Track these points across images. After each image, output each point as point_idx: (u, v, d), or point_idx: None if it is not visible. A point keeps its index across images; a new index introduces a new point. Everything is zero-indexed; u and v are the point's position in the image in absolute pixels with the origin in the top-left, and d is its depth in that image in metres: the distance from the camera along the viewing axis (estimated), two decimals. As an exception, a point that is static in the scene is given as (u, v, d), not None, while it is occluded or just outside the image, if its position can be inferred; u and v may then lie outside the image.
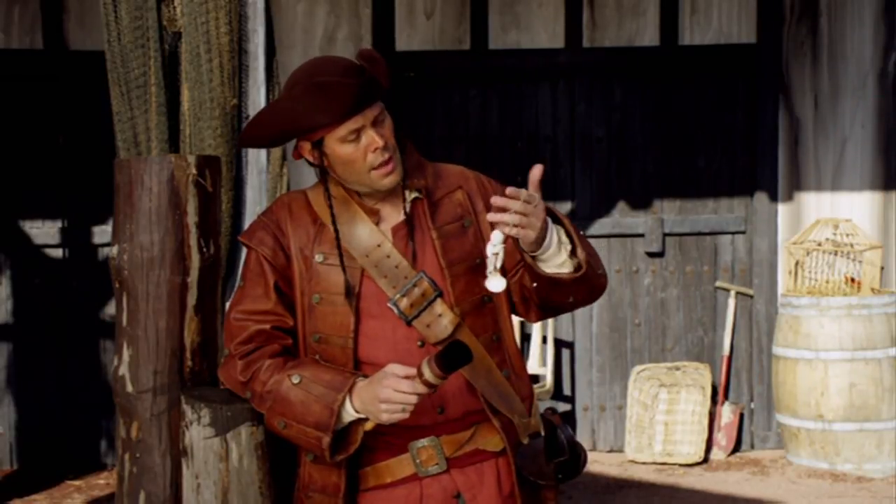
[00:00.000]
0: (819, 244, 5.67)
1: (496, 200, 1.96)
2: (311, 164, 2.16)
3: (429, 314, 2.10)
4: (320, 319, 2.13)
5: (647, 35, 5.90)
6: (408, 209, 2.16)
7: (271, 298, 2.15)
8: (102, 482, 5.52)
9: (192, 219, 2.40)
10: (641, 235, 5.99)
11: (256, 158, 3.61)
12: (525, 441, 2.16)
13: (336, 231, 2.14)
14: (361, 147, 2.09)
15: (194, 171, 2.40)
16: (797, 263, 5.70)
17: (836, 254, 5.66)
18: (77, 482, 5.52)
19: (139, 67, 3.34)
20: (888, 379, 5.42)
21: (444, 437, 2.12)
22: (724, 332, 5.95)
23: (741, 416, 5.92)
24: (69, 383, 5.73)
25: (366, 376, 2.06)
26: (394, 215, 2.18)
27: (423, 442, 2.11)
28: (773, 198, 5.92)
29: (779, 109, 5.90)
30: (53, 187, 5.70)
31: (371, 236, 2.13)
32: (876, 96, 5.91)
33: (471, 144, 5.95)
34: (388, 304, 2.10)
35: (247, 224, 3.49)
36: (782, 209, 5.94)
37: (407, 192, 2.18)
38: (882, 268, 5.79)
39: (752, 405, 5.99)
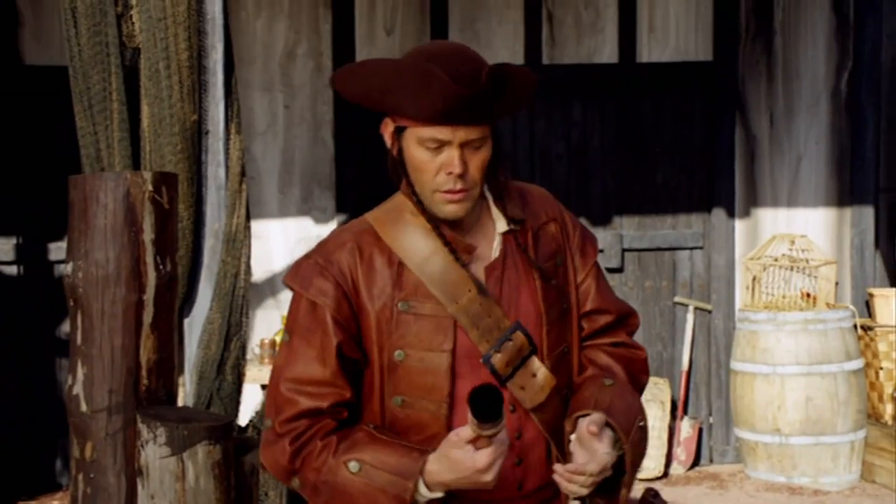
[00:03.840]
0: (775, 259, 5.74)
1: (563, 473, 1.75)
2: (388, 148, 1.86)
3: (523, 374, 1.83)
4: (405, 380, 1.81)
5: (606, 52, 5.96)
6: (500, 243, 1.87)
7: (329, 365, 1.80)
8: (57, 503, 5.43)
9: (148, 236, 2.39)
10: (601, 251, 6.03)
11: (215, 174, 3.59)
12: None
13: (438, 229, 1.82)
14: (437, 162, 1.78)
15: (150, 187, 2.39)
16: (754, 279, 5.76)
17: (791, 269, 5.73)
18: (31, 503, 5.43)
19: (100, 83, 3.32)
20: (843, 393, 5.49)
21: None
22: (682, 347, 6.00)
23: (700, 431, 5.97)
24: (24, 402, 5.65)
25: (431, 449, 1.77)
26: (483, 250, 1.87)
27: None
28: (731, 214, 5.99)
29: (735, 126, 5.98)
30: (8, 203, 5.63)
31: (462, 280, 1.82)
32: (829, 114, 6.01)
33: (431, 160, 5.96)
34: (482, 362, 1.80)
35: (207, 242, 3.46)
36: (739, 225, 6.01)
37: (500, 223, 1.89)
38: (836, 283, 5.87)
39: (711, 420, 6.03)
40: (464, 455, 1.69)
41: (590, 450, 1.77)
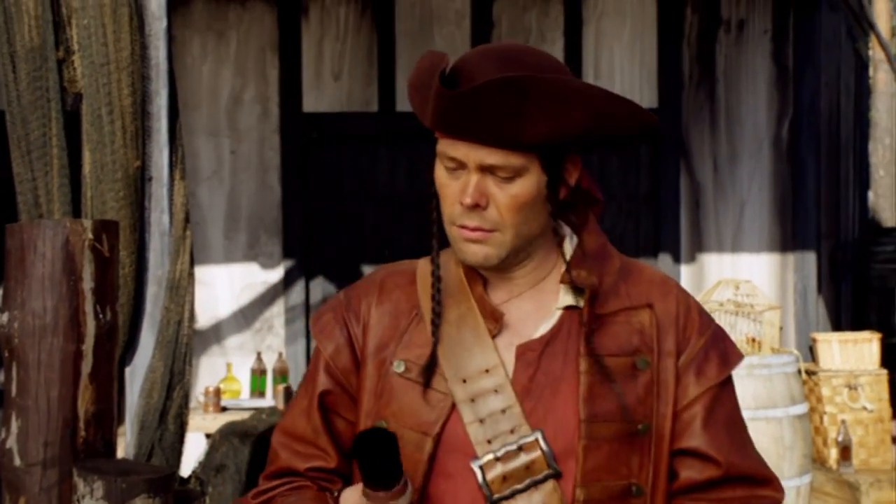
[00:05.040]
0: (721, 304, 5.80)
1: None
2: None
3: (526, 501, 1.37)
4: None
5: (553, 99, 6.02)
6: (556, 319, 1.43)
7: (312, 420, 1.48)
8: (-7, 557, 5.27)
9: (87, 284, 2.34)
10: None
11: (159, 221, 3.55)
12: None
13: (437, 282, 1.45)
14: (455, 187, 1.44)
15: (90, 235, 2.34)
16: (700, 323, 5.80)
17: (737, 314, 5.79)
18: (-35, 558, 5.26)
19: (39, 129, 3.27)
20: (788, 437, 5.53)
21: None
22: (630, 392, 6.02)
23: (648, 476, 5.97)
24: (-41, 453, 5.49)
25: None
26: (528, 324, 1.44)
27: None
28: (677, 259, 6.05)
29: (680, 172, 6.06)
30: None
31: (482, 355, 1.41)
32: (771, 161, 6.13)
33: (380, 203, 5.96)
34: (472, 465, 1.39)
35: (149, 289, 3.41)
36: (685, 270, 6.07)
37: (562, 292, 1.45)
38: (781, 328, 5.94)
39: (659, 464, 6.04)
40: None
41: None
